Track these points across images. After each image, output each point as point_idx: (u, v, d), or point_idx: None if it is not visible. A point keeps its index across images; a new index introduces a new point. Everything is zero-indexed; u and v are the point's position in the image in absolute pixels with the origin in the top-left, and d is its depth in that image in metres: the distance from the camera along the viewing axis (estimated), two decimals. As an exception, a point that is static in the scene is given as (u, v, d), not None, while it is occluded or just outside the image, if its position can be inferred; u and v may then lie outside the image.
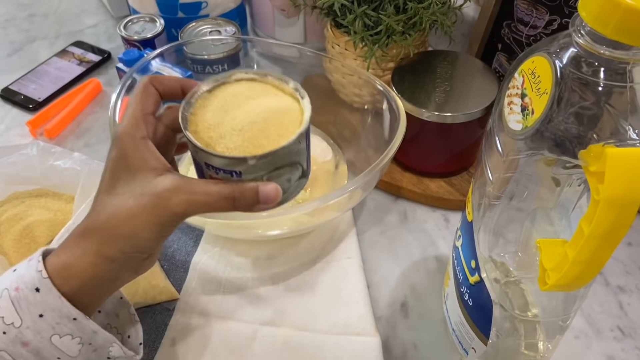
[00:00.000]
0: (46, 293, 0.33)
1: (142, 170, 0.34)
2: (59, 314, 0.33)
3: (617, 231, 0.29)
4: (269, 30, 0.82)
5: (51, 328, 0.34)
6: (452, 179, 0.64)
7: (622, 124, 0.29)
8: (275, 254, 0.58)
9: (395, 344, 0.51)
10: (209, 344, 0.51)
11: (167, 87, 0.38)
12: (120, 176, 0.34)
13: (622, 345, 0.51)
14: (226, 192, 0.34)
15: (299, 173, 0.37)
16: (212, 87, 0.38)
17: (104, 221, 0.34)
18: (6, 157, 0.57)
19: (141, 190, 0.33)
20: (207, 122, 0.35)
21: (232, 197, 0.34)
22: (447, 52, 0.65)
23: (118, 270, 0.35)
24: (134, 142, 0.35)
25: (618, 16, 0.27)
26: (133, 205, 0.33)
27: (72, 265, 0.34)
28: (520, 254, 0.41)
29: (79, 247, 0.34)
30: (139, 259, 0.35)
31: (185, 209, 0.34)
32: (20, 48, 0.89)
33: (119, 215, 0.33)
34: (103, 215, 0.34)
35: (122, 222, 0.33)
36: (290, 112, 0.37)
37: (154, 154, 0.35)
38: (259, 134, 0.35)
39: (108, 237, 0.34)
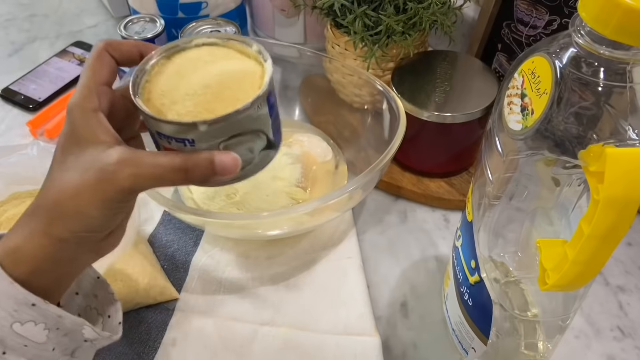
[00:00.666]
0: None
1: (91, 144, 0.32)
2: (15, 301, 0.31)
3: (617, 231, 0.29)
4: (269, 31, 0.82)
5: (10, 316, 0.31)
6: (452, 179, 0.64)
7: (621, 124, 0.29)
8: (275, 254, 0.58)
9: (395, 344, 0.51)
10: (209, 344, 0.51)
11: (124, 52, 0.35)
12: (70, 150, 0.32)
13: (622, 345, 0.51)
14: (177, 163, 0.31)
15: (262, 143, 0.34)
16: (170, 53, 0.35)
17: (52, 199, 0.32)
18: (6, 157, 0.57)
19: (87, 165, 0.31)
20: (160, 88, 0.33)
21: (183, 167, 0.31)
22: (447, 52, 0.65)
23: (73, 251, 0.33)
24: (84, 115, 0.32)
25: (618, 16, 0.27)
26: (78, 180, 0.31)
27: (21, 248, 0.32)
28: (520, 254, 0.41)
29: (27, 227, 0.32)
30: (94, 238, 0.33)
31: (133, 182, 0.31)
32: (21, 48, 0.89)
33: (66, 191, 0.31)
34: (50, 193, 0.32)
35: (68, 198, 0.31)
36: (250, 76, 0.34)
37: (104, 127, 0.32)
38: (213, 98, 0.32)
39: (55, 215, 0.32)
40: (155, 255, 0.57)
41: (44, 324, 0.32)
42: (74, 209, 0.31)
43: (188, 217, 0.53)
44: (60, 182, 0.32)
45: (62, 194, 0.31)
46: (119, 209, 0.33)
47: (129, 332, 0.51)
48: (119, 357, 0.50)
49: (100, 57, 0.34)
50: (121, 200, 0.32)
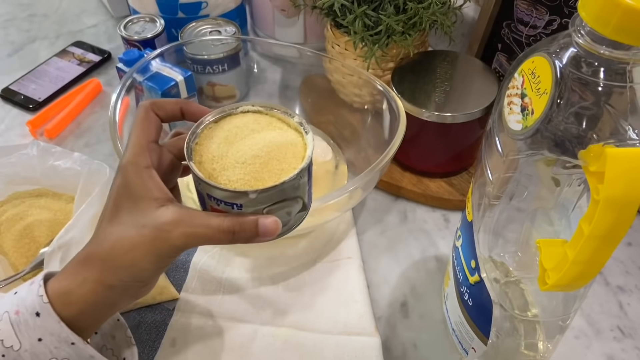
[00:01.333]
0: (46, 318, 0.34)
1: (144, 200, 0.34)
2: (57, 339, 0.34)
3: (617, 231, 0.29)
4: (269, 31, 0.82)
5: (49, 352, 0.34)
6: (452, 179, 0.64)
7: (622, 124, 0.29)
8: (275, 254, 0.58)
9: (395, 343, 0.51)
10: (209, 344, 0.51)
11: (167, 111, 0.39)
12: (123, 205, 0.35)
13: (622, 345, 0.51)
14: (226, 226, 0.34)
15: (299, 207, 0.37)
16: (218, 117, 0.38)
17: (106, 250, 0.34)
18: (6, 157, 0.57)
19: (143, 222, 0.34)
20: (211, 153, 0.36)
21: (231, 230, 0.34)
22: (447, 52, 0.65)
23: (117, 297, 0.35)
24: (138, 172, 0.35)
25: (618, 16, 0.27)
26: (134, 236, 0.34)
27: (73, 292, 0.34)
28: (520, 254, 0.41)
29: (80, 274, 0.35)
30: (138, 287, 0.36)
31: (185, 241, 0.34)
32: (21, 48, 0.89)
33: (121, 245, 0.34)
34: (105, 243, 0.34)
35: (123, 252, 0.34)
36: (293, 147, 0.37)
37: (157, 184, 0.35)
38: (261, 167, 0.35)
39: (109, 266, 0.34)
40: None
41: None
42: (129, 262, 0.34)
43: (188, 217, 0.53)
44: (113, 235, 0.34)
45: (116, 247, 0.34)
46: (167, 263, 0.35)
47: (129, 332, 0.51)
48: (119, 357, 0.50)
49: (148, 116, 0.37)
50: (171, 256, 0.35)
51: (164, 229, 0.33)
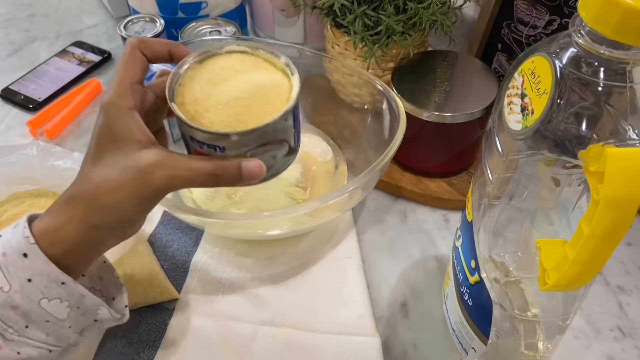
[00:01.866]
0: (34, 258, 0.34)
1: (127, 142, 0.34)
2: (47, 279, 0.34)
3: (617, 231, 0.29)
4: (269, 30, 0.82)
5: (40, 292, 0.34)
6: (452, 179, 0.64)
7: (622, 124, 0.29)
8: (275, 254, 0.58)
9: (395, 344, 0.51)
10: (209, 344, 0.51)
11: (155, 51, 0.38)
12: (106, 147, 0.35)
13: (622, 345, 0.51)
14: (209, 169, 0.34)
15: (285, 150, 0.37)
16: (202, 58, 0.37)
17: (90, 190, 0.34)
18: (6, 157, 0.57)
19: (125, 163, 0.34)
20: (194, 95, 0.35)
21: (214, 173, 0.34)
22: (447, 52, 0.65)
23: (102, 237, 0.36)
24: (121, 113, 0.35)
25: (618, 16, 0.27)
26: (117, 177, 0.34)
27: (58, 231, 0.34)
28: (520, 254, 0.41)
29: (65, 214, 0.35)
30: (123, 227, 0.36)
31: (167, 183, 0.34)
32: (21, 48, 0.89)
33: (104, 185, 0.34)
34: (89, 184, 0.35)
35: (106, 192, 0.34)
36: (278, 88, 0.36)
37: (139, 126, 0.35)
38: (244, 110, 0.34)
39: (93, 206, 0.34)
40: (155, 255, 0.57)
41: (68, 301, 0.35)
42: (112, 203, 0.34)
43: (188, 217, 0.53)
44: (97, 176, 0.34)
45: (101, 188, 0.34)
46: (150, 205, 0.36)
47: (128, 332, 0.51)
48: (119, 357, 0.50)
49: (134, 55, 0.37)
50: (154, 198, 0.35)
51: (146, 171, 0.34)
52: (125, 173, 0.34)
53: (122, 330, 0.51)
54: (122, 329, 0.51)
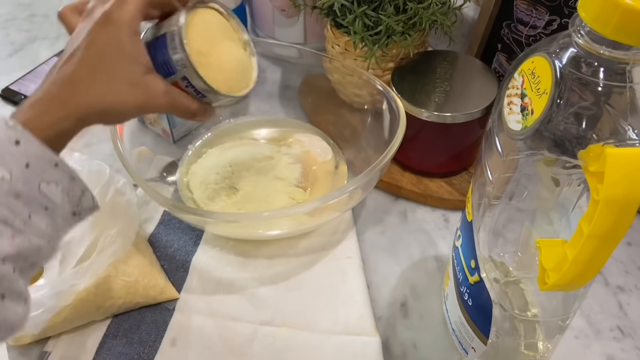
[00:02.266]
0: (27, 143, 0.34)
1: (133, 63, 0.39)
2: (43, 161, 0.34)
3: (617, 231, 0.29)
4: (269, 31, 0.82)
5: (38, 176, 0.34)
6: (452, 179, 0.64)
7: (621, 124, 0.29)
8: (275, 254, 0.58)
9: (395, 344, 0.51)
10: (209, 344, 0.51)
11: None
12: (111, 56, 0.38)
13: (622, 345, 0.51)
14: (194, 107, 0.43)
15: None
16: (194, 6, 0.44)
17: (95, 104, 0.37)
18: None
19: (134, 80, 0.39)
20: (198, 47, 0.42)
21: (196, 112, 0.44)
22: (447, 52, 0.65)
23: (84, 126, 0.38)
24: (131, 35, 0.39)
25: (618, 16, 0.27)
26: (125, 89, 0.38)
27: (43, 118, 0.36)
28: (520, 254, 0.41)
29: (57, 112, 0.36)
30: None
31: (168, 109, 0.42)
32: (21, 48, 0.89)
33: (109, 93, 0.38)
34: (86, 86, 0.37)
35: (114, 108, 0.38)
36: (248, 65, 0.48)
37: (143, 51, 0.40)
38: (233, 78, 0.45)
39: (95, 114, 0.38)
40: (155, 255, 0.57)
41: (62, 185, 0.36)
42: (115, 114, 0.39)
43: (188, 217, 0.53)
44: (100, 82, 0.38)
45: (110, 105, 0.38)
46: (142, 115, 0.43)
47: (129, 332, 0.51)
48: (119, 357, 0.50)
49: None
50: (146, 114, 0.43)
51: (156, 94, 0.40)
52: (134, 90, 0.39)
53: (122, 330, 0.51)
54: (122, 328, 0.51)
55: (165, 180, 0.62)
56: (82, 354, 0.50)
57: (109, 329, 0.51)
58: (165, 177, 0.63)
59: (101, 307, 0.51)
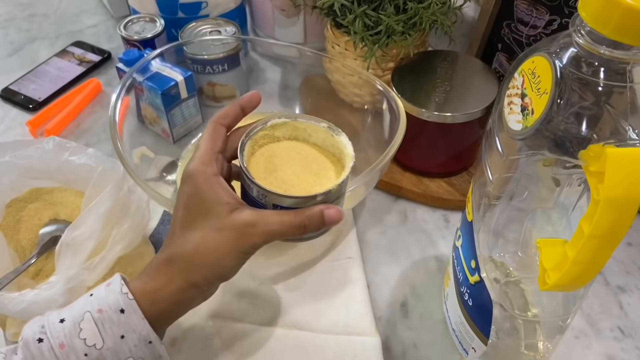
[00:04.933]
0: (130, 314, 0.35)
1: (217, 205, 0.37)
2: (138, 337, 0.35)
3: (617, 231, 0.29)
4: (269, 30, 0.82)
5: (129, 350, 0.35)
6: (452, 179, 0.64)
7: (622, 124, 0.29)
8: (275, 254, 0.58)
9: (395, 343, 0.51)
10: (209, 344, 0.51)
11: (231, 117, 0.42)
12: (196, 211, 0.37)
13: (622, 345, 0.51)
14: (298, 221, 0.37)
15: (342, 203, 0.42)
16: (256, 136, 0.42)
17: (189, 251, 0.37)
18: (22, 150, 0.58)
19: (221, 224, 0.37)
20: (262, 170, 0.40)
21: (303, 224, 0.38)
22: (447, 52, 0.65)
23: (197, 296, 0.38)
24: (207, 179, 0.38)
25: (618, 16, 0.27)
26: (216, 237, 0.37)
27: (160, 291, 0.36)
28: (520, 254, 0.41)
29: (165, 274, 0.37)
30: (217, 284, 0.39)
31: (264, 239, 0.37)
32: (21, 48, 0.89)
33: (205, 246, 0.37)
34: (187, 246, 0.37)
35: (207, 252, 0.36)
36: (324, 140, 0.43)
37: (225, 189, 0.38)
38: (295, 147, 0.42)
39: (194, 265, 0.37)
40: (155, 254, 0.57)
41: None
42: (214, 261, 0.37)
43: (188, 217, 0.53)
44: (194, 238, 0.37)
45: (201, 248, 0.37)
46: (247, 259, 0.38)
47: (129, 332, 0.51)
48: (119, 357, 0.50)
49: (216, 129, 0.41)
50: (251, 253, 0.38)
51: (243, 230, 0.37)
52: (224, 233, 0.37)
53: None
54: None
55: (165, 180, 0.62)
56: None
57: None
58: (165, 177, 0.63)
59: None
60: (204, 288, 0.38)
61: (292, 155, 0.42)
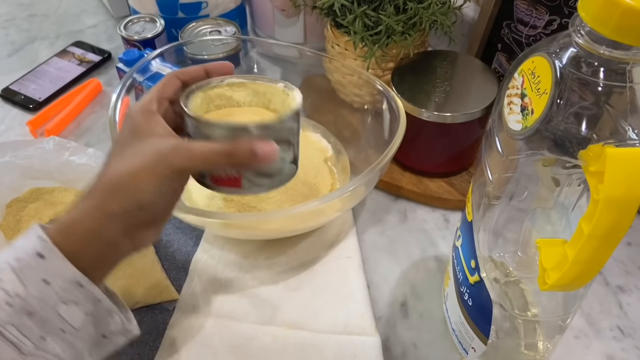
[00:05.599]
0: (49, 257, 0.33)
1: (149, 136, 0.36)
2: (63, 279, 0.33)
3: (617, 231, 0.29)
4: (269, 30, 0.82)
5: (56, 295, 0.32)
6: (452, 179, 0.64)
7: (621, 124, 0.29)
8: (275, 254, 0.58)
9: (395, 343, 0.51)
10: (209, 344, 0.51)
11: (192, 76, 0.41)
12: (129, 144, 0.36)
13: (622, 345, 0.51)
14: (222, 148, 0.35)
15: (290, 155, 0.39)
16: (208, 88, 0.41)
17: (109, 179, 0.35)
18: (23, 150, 0.58)
19: (145, 150, 0.35)
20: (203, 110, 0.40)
21: (227, 152, 0.35)
22: (447, 52, 0.65)
23: (117, 233, 0.35)
24: (144, 114, 0.37)
25: (618, 16, 0.27)
26: (137, 162, 0.35)
27: (73, 224, 0.34)
28: (520, 254, 0.41)
29: (80, 206, 0.35)
30: (138, 220, 0.35)
31: (184, 163, 0.35)
32: (21, 48, 0.89)
33: (125, 172, 0.35)
34: (109, 175, 0.35)
35: (127, 177, 0.34)
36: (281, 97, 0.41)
37: (161, 124, 0.37)
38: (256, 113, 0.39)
39: (110, 192, 0.34)
40: (156, 255, 0.57)
41: (84, 306, 0.34)
42: (131, 185, 0.34)
43: (188, 217, 0.53)
44: (117, 167, 0.35)
45: (121, 175, 0.35)
46: (169, 188, 0.36)
47: (129, 332, 0.51)
48: (119, 357, 0.50)
49: (169, 80, 0.40)
50: (172, 180, 0.35)
51: (165, 152, 0.35)
52: (145, 157, 0.35)
53: (122, 330, 0.51)
54: (122, 328, 0.51)
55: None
56: (82, 354, 0.50)
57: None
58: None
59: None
60: (124, 219, 0.35)
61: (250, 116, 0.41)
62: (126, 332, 0.38)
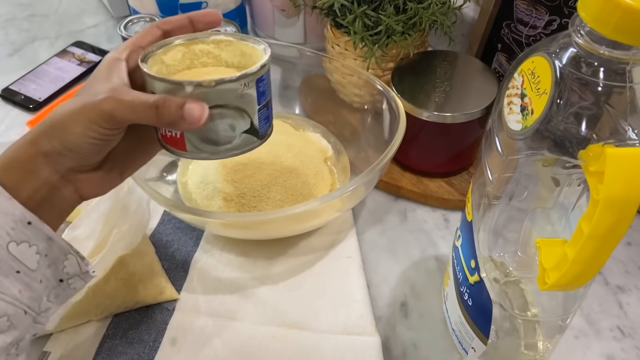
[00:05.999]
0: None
1: (102, 81, 0.36)
2: (12, 218, 0.32)
3: (617, 231, 0.29)
4: (269, 31, 0.82)
5: (6, 234, 0.32)
6: (452, 179, 0.64)
7: (621, 124, 0.29)
8: (275, 254, 0.58)
9: (395, 343, 0.51)
10: (209, 344, 0.51)
11: (176, 25, 0.40)
12: (85, 88, 0.36)
13: (622, 345, 0.51)
14: (151, 100, 0.34)
15: (245, 125, 0.36)
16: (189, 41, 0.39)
17: (48, 119, 0.35)
18: None
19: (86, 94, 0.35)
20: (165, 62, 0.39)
21: (155, 105, 0.34)
22: (447, 52, 0.65)
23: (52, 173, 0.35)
24: (110, 61, 0.37)
25: (618, 16, 0.27)
26: (74, 104, 0.35)
27: (13, 159, 0.34)
28: (520, 254, 0.41)
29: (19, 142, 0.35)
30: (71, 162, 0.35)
31: (112, 107, 0.34)
32: (21, 48, 0.89)
33: (61, 112, 0.35)
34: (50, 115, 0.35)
35: (58, 117, 0.34)
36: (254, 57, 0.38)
37: (117, 72, 0.36)
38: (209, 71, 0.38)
39: (44, 130, 0.34)
40: (156, 255, 0.57)
41: (37, 246, 0.33)
42: (61, 125, 0.34)
43: (188, 217, 0.53)
44: (62, 107, 0.35)
45: (57, 115, 0.35)
46: (96, 132, 0.35)
47: (129, 332, 0.51)
48: (119, 357, 0.50)
49: (150, 30, 0.39)
50: (100, 124, 0.34)
51: (98, 96, 0.34)
52: (80, 100, 0.35)
53: (122, 330, 0.51)
54: (122, 328, 0.51)
55: (165, 180, 0.62)
56: (82, 354, 0.50)
57: (108, 329, 0.51)
58: (165, 177, 0.63)
59: (100, 306, 0.51)
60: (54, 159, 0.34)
61: None
62: (83, 275, 0.37)
